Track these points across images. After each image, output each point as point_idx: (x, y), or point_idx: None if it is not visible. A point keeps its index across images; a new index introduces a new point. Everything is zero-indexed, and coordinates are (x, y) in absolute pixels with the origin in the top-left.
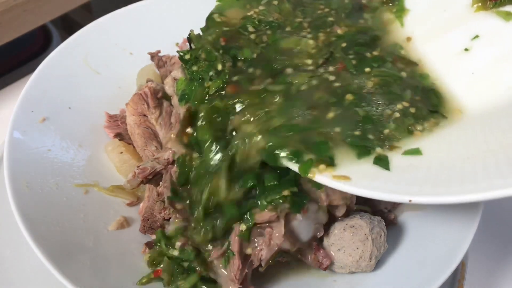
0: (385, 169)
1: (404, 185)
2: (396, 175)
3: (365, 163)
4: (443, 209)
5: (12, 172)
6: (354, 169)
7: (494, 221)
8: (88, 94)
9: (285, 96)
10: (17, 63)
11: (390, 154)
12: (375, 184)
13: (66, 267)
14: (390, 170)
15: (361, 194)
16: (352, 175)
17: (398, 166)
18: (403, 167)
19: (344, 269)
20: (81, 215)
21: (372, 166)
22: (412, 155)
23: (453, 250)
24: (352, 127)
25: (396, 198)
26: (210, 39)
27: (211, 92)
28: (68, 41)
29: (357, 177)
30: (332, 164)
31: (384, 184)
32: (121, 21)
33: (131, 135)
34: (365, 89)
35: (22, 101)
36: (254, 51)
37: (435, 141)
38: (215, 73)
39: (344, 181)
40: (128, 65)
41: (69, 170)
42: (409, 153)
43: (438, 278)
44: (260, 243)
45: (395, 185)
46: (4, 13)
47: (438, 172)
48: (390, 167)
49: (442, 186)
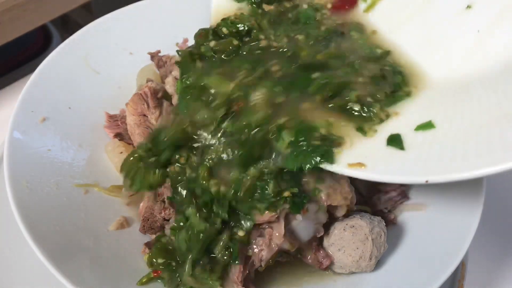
0: (400, 149)
1: (421, 165)
2: (411, 155)
3: (377, 144)
4: (443, 209)
5: (12, 172)
6: (366, 153)
7: (494, 221)
8: (88, 94)
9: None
10: (17, 63)
11: (399, 127)
12: (391, 168)
13: (66, 267)
14: (404, 150)
15: (378, 180)
16: (367, 161)
17: (412, 144)
18: (417, 144)
19: (344, 269)
20: (81, 215)
21: (385, 147)
22: (424, 130)
23: (453, 250)
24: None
25: (414, 180)
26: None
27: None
28: (68, 41)
29: (372, 163)
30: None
31: (400, 167)
32: (121, 21)
33: (131, 135)
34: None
35: (22, 101)
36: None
37: (445, 109)
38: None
39: (360, 168)
40: (128, 65)
41: (69, 170)
42: (421, 128)
43: (438, 278)
44: (260, 244)
45: (412, 166)
46: (4, 13)
47: (453, 145)
48: (405, 146)
49: (459, 161)
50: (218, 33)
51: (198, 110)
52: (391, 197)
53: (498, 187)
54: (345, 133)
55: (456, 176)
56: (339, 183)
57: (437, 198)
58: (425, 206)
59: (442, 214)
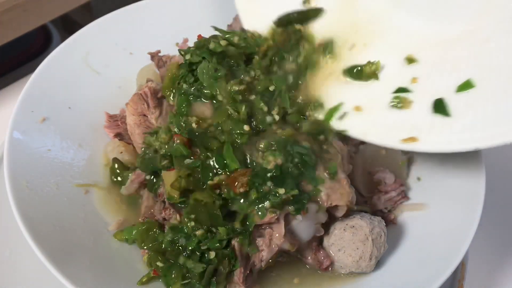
0: (445, 115)
1: (468, 132)
2: (457, 121)
3: (422, 114)
4: (443, 209)
5: (12, 172)
6: (415, 124)
7: (494, 221)
8: (88, 94)
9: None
10: (17, 63)
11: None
12: (442, 138)
13: (66, 267)
14: (451, 116)
15: (431, 151)
16: (418, 134)
17: (456, 109)
18: (461, 109)
19: (344, 269)
20: (81, 215)
21: (432, 115)
22: (465, 90)
23: (453, 250)
24: None
25: (464, 148)
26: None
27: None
28: (68, 41)
29: (423, 135)
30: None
31: (450, 136)
32: (121, 21)
33: (131, 135)
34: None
35: (22, 101)
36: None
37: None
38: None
39: (413, 143)
40: (128, 65)
41: (69, 170)
42: (462, 89)
43: (438, 278)
44: (261, 244)
45: (460, 133)
46: (4, 13)
47: (496, 105)
48: (450, 112)
49: (507, 123)
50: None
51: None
52: (391, 197)
53: (498, 187)
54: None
55: (506, 140)
56: (339, 183)
57: (437, 198)
58: (425, 206)
59: (442, 214)
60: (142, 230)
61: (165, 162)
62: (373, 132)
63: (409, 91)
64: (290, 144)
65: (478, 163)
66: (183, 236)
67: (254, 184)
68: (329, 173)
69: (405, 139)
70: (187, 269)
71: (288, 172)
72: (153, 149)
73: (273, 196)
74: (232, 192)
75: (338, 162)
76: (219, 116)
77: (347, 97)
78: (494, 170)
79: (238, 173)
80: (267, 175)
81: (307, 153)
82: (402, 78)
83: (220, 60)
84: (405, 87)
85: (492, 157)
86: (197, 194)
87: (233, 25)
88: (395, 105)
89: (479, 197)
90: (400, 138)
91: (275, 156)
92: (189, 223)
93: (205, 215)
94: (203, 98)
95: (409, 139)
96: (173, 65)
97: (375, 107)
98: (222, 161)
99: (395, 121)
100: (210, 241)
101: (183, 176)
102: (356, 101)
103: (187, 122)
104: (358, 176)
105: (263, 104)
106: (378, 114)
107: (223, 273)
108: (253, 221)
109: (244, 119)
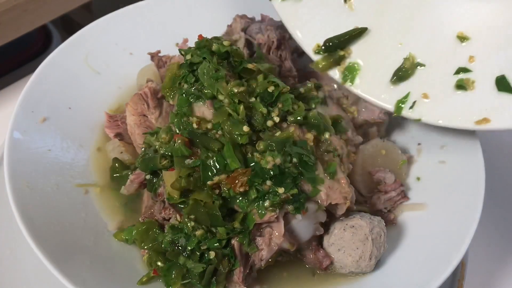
0: (510, 93)
1: None
2: None
3: (488, 94)
4: (443, 209)
5: (12, 172)
6: (485, 106)
7: (494, 221)
8: (88, 94)
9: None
10: (17, 63)
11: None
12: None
13: (66, 267)
14: None
15: (505, 129)
16: (488, 114)
17: None
18: None
19: (344, 269)
20: (81, 215)
21: (497, 94)
22: None
23: (452, 250)
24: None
25: None
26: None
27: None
28: (68, 41)
29: (495, 115)
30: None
31: None
32: (121, 21)
33: (131, 135)
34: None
35: (22, 101)
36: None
37: None
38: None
39: (487, 124)
40: (128, 65)
41: (69, 170)
42: None
43: (438, 278)
44: (260, 243)
45: None
46: (4, 13)
47: None
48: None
49: None
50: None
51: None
52: (391, 197)
53: (497, 187)
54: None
55: None
56: (339, 183)
57: (436, 198)
58: (425, 206)
59: (442, 214)
60: (142, 230)
61: (165, 162)
62: (445, 116)
63: (469, 70)
64: (289, 145)
65: (478, 163)
66: (183, 236)
67: (254, 183)
68: (328, 172)
69: (478, 120)
70: (187, 269)
71: (288, 171)
72: (153, 149)
73: (273, 196)
74: (232, 191)
75: (338, 161)
76: (219, 117)
77: (412, 86)
78: (494, 170)
79: (238, 172)
80: (267, 175)
81: (306, 153)
82: (459, 58)
83: (220, 61)
84: (464, 67)
85: (492, 157)
86: (196, 194)
87: (233, 25)
88: (459, 87)
89: (479, 197)
90: (473, 120)
91: (274, 156)
92: (189, 223)
93: (205, 215)
94: (203, 98)
95: (482, 120)
96: (174, 65)
97: (441, 92)
98: (222, 160)
99: (463, 103)
100: (209, 241)
101: (183, 176)
102: (422, 88)
103: (188, 122)
104: (358, 176)
105: (262, 106)
106: (446, 98)
107: (223, 273)
108: (252, 220)
109: (243, 120)
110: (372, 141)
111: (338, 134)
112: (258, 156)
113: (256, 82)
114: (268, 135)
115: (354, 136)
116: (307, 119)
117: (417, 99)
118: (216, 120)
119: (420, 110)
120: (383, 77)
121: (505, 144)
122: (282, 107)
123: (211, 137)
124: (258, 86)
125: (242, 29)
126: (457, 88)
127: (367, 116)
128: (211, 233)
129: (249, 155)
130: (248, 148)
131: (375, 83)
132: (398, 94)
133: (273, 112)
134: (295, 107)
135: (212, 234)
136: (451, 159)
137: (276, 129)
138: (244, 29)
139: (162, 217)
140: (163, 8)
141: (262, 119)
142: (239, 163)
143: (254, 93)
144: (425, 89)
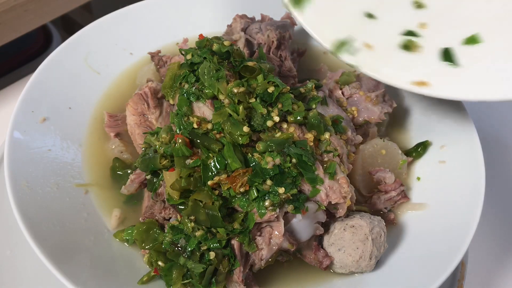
0: (454, 65)
1: (475, 84)
2: (464, 71)
3: (430, 59)
4: (443, 209)
5: (12, 172)
6: (424, 70)
7: (494, 221)
8: (88, 94)
9: None
10: (18, 63)
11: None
12: (451, 86)
13: (66, 267)
14: (458, 66)
15: (439, 97)
16: (428, 79)
17: (463, 60)
18: (467, 61)
19: (344, 269)
20: (81, 215)
21: (439, 63)
22: (471, 44)
23: (453, 249)
24: None
25: (471, 98)
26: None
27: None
28: (68, 41)
29: (434, 81)
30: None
31: (458, 85)
32: (121, 21)
33: (131, 135)
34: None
35: (23, 101)
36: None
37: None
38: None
39: (423, 86)
40: (128, 65)
41: (69, 170)
42: (469, 42)
43: (438, 278)
44: (260, 243)
45: (467, 84)
46: (4, 13)
47: (503, 61)
48: (457, 62)
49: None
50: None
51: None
52: (391, 196)
53: (497, 187)
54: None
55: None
56: (338, 182)
57: (436, 198)
58: (425, 206)
59: (442, 214)
60: (142, 230)
61: (165, 162)
62: (384, 71)
63: (417, 35)
64: (287, 145)
65: (478, 163)
66: (183, 236)
67: (254, 183)
68: (328, 172)
69: (415, 81)
70: (187, 269)
71: (288, 171)
72: (153, 149)
73: (273, 195)
74: (232, 191)
75: (337, 161)
76: (220, 117)
77: (356, 33)
78: (494, 169)
79: (239, 172)
80: (267, 175)
81: (305, 154)
82: (410, 21)
83: (221, 60)
84: (413, 31)
85: (492, 157)
86: (196, 194)
87: (233, 25)
88: (404, 46)
89: (479, 197)
90: (410, 80)
91: (273, 157)
92: (188, 224)
93: (205, 216)
94: (204, 98)
95: (420, 83)
96: (174, 64)
97: (385, 47)
98: (223, 160)
99: (405, 62)
100: (209, 242)
101: (183, 176)
102: (368, 39)
103: (188, 122)
104: (358, 176)
105: (262, 106)
106: (389, 54)
107: (223, 273)
108: (253, 219)
109: (244, 120)
110: (372, 141)
111: (338, 134)
112: (258, 156)
113: (256, 82)
114: (267, 135)
115: (354, 136)
116: (307, 119)
117: (360, 48)
118: (216, 120)
119: (359, 59)
120: (332, 17)
121: (505, 144)
122: (282, 107)
123: (211, 138)
124: (258, 86)
125: (242, 29)
126: (402, 48)
127: (367, 116)
128: (211, 234)
129: (249, 155)
130: (248, 149)
131: (322, 20)
132: (342, 36)
133: (273, 112)
134: (295, 107)
135: (212, 235)
136: (451, 159)
137: (276, 129)
138: (244, 29)
139: (162, 217)
140: (163, 8)
141: (262, 120)
142: (240, 163)
143: (254, 93)
144: (371, 40)
